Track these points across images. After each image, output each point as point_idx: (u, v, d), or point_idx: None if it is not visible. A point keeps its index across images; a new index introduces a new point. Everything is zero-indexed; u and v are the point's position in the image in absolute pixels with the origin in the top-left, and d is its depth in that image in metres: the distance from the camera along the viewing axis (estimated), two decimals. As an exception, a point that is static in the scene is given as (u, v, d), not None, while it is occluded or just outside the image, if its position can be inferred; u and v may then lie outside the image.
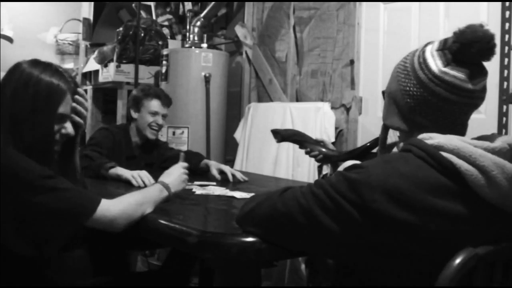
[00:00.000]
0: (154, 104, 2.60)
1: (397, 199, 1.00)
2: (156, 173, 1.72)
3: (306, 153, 2.38)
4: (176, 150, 2.78)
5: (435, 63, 1.10)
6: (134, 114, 2.62)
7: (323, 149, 2.32)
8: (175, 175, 1.66)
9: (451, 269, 0.96)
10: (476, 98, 1.10)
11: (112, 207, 1.38)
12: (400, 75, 1.16)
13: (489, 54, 1.08)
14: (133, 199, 1.46)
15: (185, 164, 1.72)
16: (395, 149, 1.49)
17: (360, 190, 1.02)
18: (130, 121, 2.68)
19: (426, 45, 1.15)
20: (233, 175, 2.34)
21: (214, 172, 2.41)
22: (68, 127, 1.45)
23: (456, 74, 1.08)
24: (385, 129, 1.28)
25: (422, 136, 1.09)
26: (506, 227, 1.03)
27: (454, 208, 1.00)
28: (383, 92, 1.23)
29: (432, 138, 1.06)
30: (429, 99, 1.10)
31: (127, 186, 2.09)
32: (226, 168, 2.39)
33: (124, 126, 2.70)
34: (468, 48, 1.07)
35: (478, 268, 0.99)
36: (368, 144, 2.26)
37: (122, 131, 2.63)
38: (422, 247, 1.00)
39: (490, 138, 1.10)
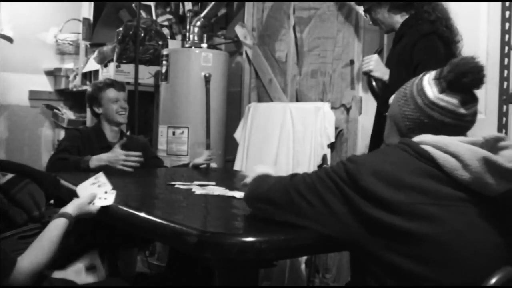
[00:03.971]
0: (111, 93, 2.77)
1: (383, 179, 1.17)
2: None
3: None
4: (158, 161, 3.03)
5: (432, 90, 1.26)
6: (99, 110, 2.78)
7: None
8: (79, 200, 1.70)
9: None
10: (467, 121, 1.26)
11: (23, 269, 1.44)
12: (400, 101, 1.32)
13: (480, 83, 1.23)
14: (42, 253, 1.52)
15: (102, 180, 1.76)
16: None
17: (354, 175, 1.20)
18: (99, 118, 2.82)
19: (424, 75, 1.31)
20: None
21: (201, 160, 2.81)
22: None
23: (450, 100, 1.24)
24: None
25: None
26: (477, 206, 1.16)
27: (432, 187, 1.16)
28: (386, 115, 1.40)
29: (417, 138, 1.25)
30: (426, 122, 1.26)
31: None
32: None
33: (95, 124, 2.86)
34: (461, 77, 1.22)
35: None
36: None
37: (92, 128, 2.84)
38: (406, 222, 1.13)
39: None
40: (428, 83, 1.26)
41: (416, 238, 1.13)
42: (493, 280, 1.07)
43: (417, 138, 1.24)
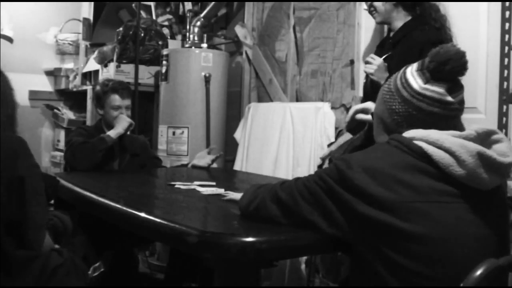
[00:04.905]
0: (114, 99, 2.74)
1: (374, 175, 1.17)
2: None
3: None
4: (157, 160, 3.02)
5: (416, 82, 1.25)
6: (100, 111, 2.78)
7: None
8: None
9: (472, 279, 1.09)
10: (455, 109, 1.24)
11: None
12: (385, 96, 1.31)
13: (462, 70, 1.23)
14: None
15: None
16: None
17: (344, 172, 1.21)
18: (101, 116, 2.83)
19: (406, 68, 1.30)
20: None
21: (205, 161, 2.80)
22: None
23: (436, 89, 1.23)
24: None
25: None
26: (468, 200, 1.18)
27: (424, 183, 1.16)
28: (372, 114, 1.40)
29: (408, 133, 1.23)
30: (414, 114, 1.25)
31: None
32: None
33: (97, 123, 2.85)
34: (443, 66, 1.21)
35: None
36: None
37: (94, 127, 2.81)
38: (400, 221, 1.14)
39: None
40: (412, 75, 1.26)
41: (410, 237, 1.14)
42: (478, 272, 1.09)
43: (407, 134, 1.23)
